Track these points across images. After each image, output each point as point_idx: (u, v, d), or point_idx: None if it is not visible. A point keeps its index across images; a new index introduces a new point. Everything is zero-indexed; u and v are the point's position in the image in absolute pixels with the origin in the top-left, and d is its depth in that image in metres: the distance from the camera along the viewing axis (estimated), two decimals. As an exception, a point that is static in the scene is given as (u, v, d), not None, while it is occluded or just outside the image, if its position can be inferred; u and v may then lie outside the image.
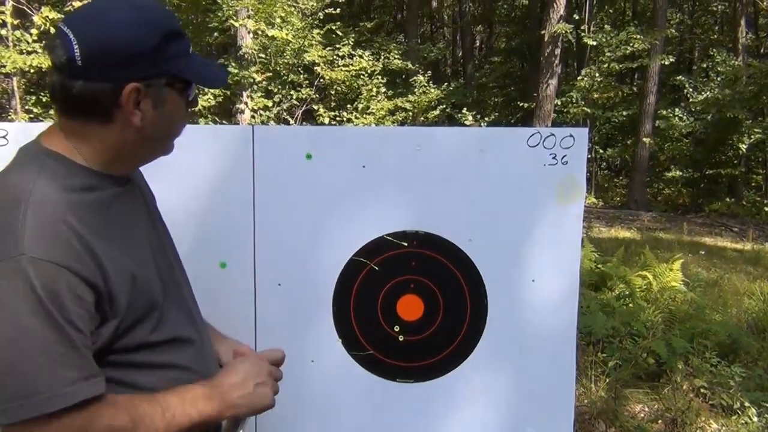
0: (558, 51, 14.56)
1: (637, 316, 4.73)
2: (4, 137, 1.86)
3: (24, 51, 9.50)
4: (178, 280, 1.33)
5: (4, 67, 9.23)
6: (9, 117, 10.59)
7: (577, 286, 1.96)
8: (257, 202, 1.89)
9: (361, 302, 1.94)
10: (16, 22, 9.64)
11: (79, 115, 1.13)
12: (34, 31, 9.41)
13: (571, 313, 1.96)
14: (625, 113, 16.44)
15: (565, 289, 1.95)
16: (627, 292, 5.26)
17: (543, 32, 14.58)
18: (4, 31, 9.47)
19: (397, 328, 1.95)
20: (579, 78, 15.34)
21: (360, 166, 1.90)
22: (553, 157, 1.91)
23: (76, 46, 1.07)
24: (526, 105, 15.70)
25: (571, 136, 1.91)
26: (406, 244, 1.93)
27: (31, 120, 10.57)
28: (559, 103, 15.43)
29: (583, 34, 16.08)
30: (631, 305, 5.12)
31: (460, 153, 1.92)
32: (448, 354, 1.96)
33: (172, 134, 1.25)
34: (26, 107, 10.83)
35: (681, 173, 18.14)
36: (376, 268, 1.93)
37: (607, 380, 4.02)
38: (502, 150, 1.92)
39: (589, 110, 15.17)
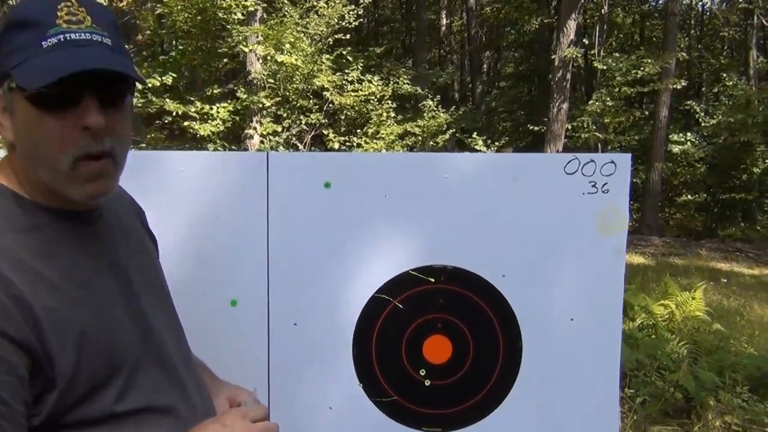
0: (569, 75, 14.48)
1: (662, 347, 4.54)
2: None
3: None
4: (161, 334, 1.11)
5: None
6: None
7: (620, 325, 1.80)
8: (271, 234, 1.74)
9: (384, 343, 1.78)
10: None
11: None
12: None
13: (613, 356, 1.79)
14: (636, 137, 16.31)
15: (607, 329, 1.79)
16: (651, 323, 5.07)
17: (553, 57, 14.53)
18: None
19: (423, 372, 1.79)
20: (590, 102, 15.23)
21: (383, 195, 1.76)
22: (593, 185, 1.76)
23: None
24: (536, 129, 15.59)
25: (612, 162, 1.77)
26: (433, 279, 1.78)
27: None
28: (570, 127, 15.31)
29: (592, 58, 16.01)
30: (654, 336, 4.93)
31: (491, 181, 1.78)
32: (479, 400, 1.79)
33: (41, 156, 0.97)
34: None
35: (694, 198, 17.94)
36: (401, 306, 1.78)
37: (635, 417, 3.82)
38: (537, 178, 1.77)
39: (600, 135, 15.03)
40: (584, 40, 16.87)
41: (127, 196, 1.30)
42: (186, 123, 11.52)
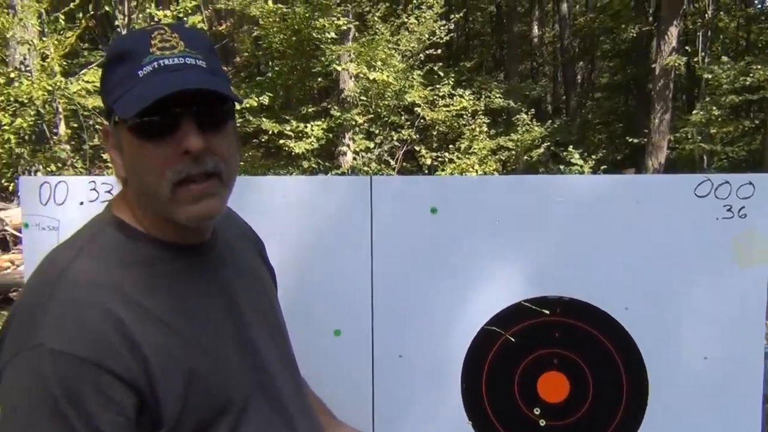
0: (671, 84, 13.86)
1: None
2: (109, 192, 1.74)
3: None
4: (272, 368, 1.08)
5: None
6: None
7: (761, 365, 1.61)
8: (375, 262, 1.68)
9: (495, 379, 1.67)
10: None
11: None
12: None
13: (754, 400, 1.61)
14: (746, 149, 15.36)
15: (747, 370, 1.60)
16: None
17: (654, 65, 13.95)
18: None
19: (537, 411, 1.67)
20: (694, 112, 14.48)
21: (493, 221, 1.66)
22: (728, 209, 1.59)
23: None
24: (635, 141, 14.97)
25: (750, 183, 1.59)
26: (548, 312, 1.65)
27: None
28: (672, 138, 14.61)
29: (696, 65, 15.25)
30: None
31: (611, 205, 1.64)
32: (601, 444, 1.65)
33: (145, 186, 0.96)
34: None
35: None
36: (513, 340, 1.66)
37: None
38: (663, 201, 1.62)
39: (706, 146, 14.24)
40: (686, 47, 16.11)
41: (245, 225, 1.29)
42: (281, 141, 11.78)
